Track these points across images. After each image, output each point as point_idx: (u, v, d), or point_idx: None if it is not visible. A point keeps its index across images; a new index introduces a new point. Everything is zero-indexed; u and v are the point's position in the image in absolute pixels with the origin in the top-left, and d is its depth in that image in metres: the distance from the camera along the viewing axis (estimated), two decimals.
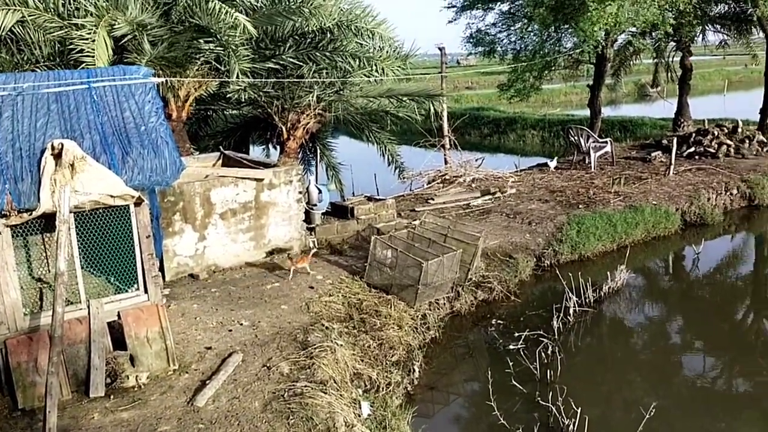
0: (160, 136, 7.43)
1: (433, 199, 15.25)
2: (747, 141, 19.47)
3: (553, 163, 18.37)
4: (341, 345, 7.97)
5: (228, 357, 7.48)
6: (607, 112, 28.48)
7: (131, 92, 7.66)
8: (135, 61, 10.06)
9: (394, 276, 9.83)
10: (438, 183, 17.03)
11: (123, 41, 10.26)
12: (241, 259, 10.66)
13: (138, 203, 7.30)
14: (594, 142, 18.23)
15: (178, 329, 8.20)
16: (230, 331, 8.25)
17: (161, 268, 9.57)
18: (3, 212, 6.53)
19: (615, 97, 38.22)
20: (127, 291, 7.56)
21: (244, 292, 9.56)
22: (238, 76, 10.39)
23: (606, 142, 18.57)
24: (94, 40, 9.52)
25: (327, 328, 8.38)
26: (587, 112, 22.00)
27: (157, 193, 9.17)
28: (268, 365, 7.35)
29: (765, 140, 19.82)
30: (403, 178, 16.86)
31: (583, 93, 31.94)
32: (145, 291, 7.58)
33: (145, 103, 7.58)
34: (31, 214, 6.65)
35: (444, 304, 10.38)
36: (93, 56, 9.44)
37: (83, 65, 9.46)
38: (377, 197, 13.37)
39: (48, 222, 6.88)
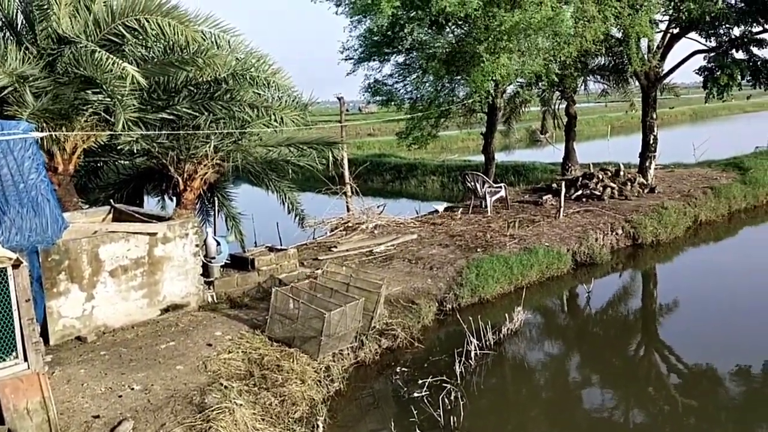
0: (40, 193, 7.05)
1: (335, 247, 15.23)
2: (629, 183, 20.84)
3: (441, 208, 18.97)
4: (241, 405, 7.69)
5: (117, 425, 7.03)
6: (501, 157, 29.80)
7: (9, 148, 7.25)
8: (16, 114, 9.54)
9: (297, 328, 9.66)
10: (341, 230, 17.06)
11: (2, 94, 9.73)
12: (134, 318, 10.14)
13: (16, 265, 6.83)
14: (489, 187, 18.92)
15: (62, 398, 7.65)
16: (120, 396, 7.77)
17: (44, 332, 8.98)
18: None
19: (509, 142, 40.13)
20: (4, 360, 6.98)
21: (137, 353, 9.07)
22: (124, 128, 10.06)
23: (500, 187, 19.32)
24: None
25: (226, 387, 8.07)
26: (483, 158, 22.87)
27: (40, 252, 8.68)
28: None
29: (645, 182, 21.30)
30: (305, 226, 16.79)
31: (478, 139, 33.22)
32: (25, 359, 7.03)
33: (24, 159, 7.18)
34: None
35: (348, 354, 10.27)
36: None
37: None
38: (279, 247, 13.20)
39: None
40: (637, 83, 22.82)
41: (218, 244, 11.93)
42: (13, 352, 7.04)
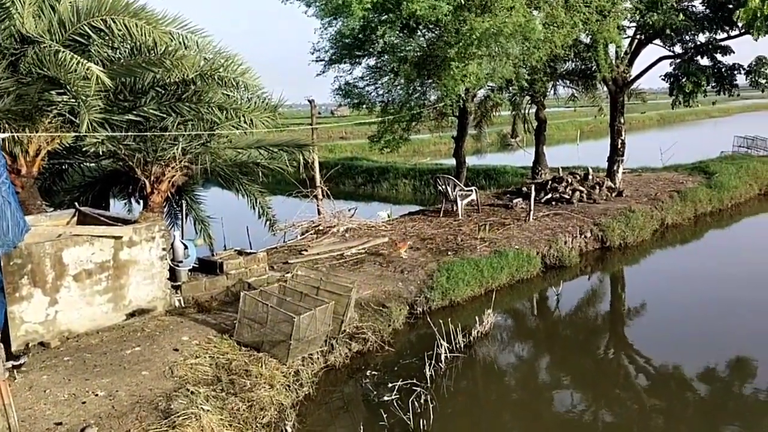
0: (1, 195, 6.85)
1: (306, 251, 15.14)
2: (597, 187, 21.11)
3: (383, 215, 19.13)
4: (208, 410, 7.56)
5: None
6: (472, 161, 29.97)
7: None
8: None
9: (266, 332, 9.56)
10: (311, 234, 16.97)
11: None
12: (99, 323, 9.94)
13: None
14: (460, 190, 19.00)
15: (24, 404, 7.46)
16: (84, 403, 7.60)
17: (5, 338, 8.74)
18: None
19: (480, 146, 40.29)
20: None
21: (101, 359, 8.89)
22: (89, 129, 9.86)
23: (471, 191, 19.42)
24: None
25: (192, 393, 7.94)
26: (455, 162, 22.97)
27: (1, 256, 8.47)
28: None
29: (613, 186, 21.60)
30: (275, 230, 16.66)
31: (450, 143, 33.35)
32: None
33: None
34: None
35: (318, 358, 10.20)
36: None
37: None
38: (248, 251, 13.06)
39: None
40: (605, 88, 23.15)
41: (186, 247, 11.77)
42: None
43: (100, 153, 12.54)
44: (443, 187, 19.09)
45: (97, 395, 7.80)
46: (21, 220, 6.93)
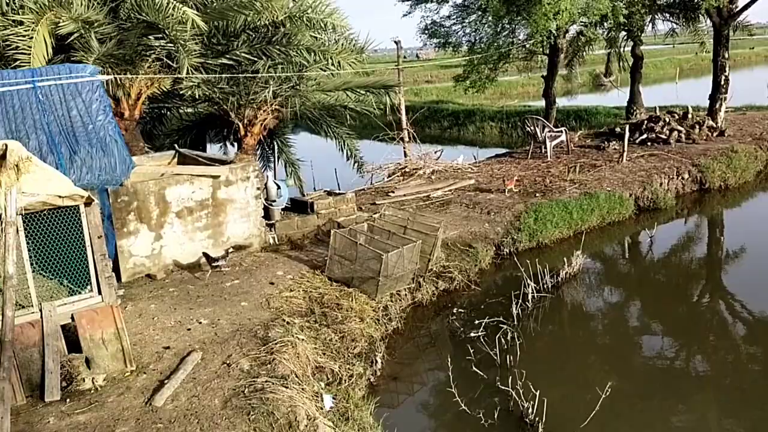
0: (108, 134, 7.31)
1: (393, 192, 15.30)
2: (697, 126, 20.00)
3: (459, 161, 18.21)
4: (302, 339, 7.96)
5: (187, 356, 7.40)
6: (562, 102, 29.00)
7: (78, 91, 7.51)
8: (82, 59, 9.83)
9: (355, 269, 9.85)
10: (398, 176, 17.09)
11: (69, 39, 10.02)
12: (200, 258, 10.53)
13: (88, 203, 7.16)
14: (549, 131, 18.50)
15: (135, 330, 8.08)
16: (189, 329, 8.16)
17: (116, 269, 9.43)
18: None
19: (570, 87, 38.92)
20: (80, 293, 7.41)
21: (203, 290, 9.46)
22: (188, 72, 10.24)
23: (561, 132, 18.87)
24: (31, 38, 9.25)
25: (288, 323, 8.35)
26: (543, 103, 22.32)
27: (110, 193, 9.05)
28: (227, 362, 7.29)
29: (714, 125, 20.38)
30: (363, 172, 16.88)
31: (538, 84, 32.41)
32: (99, 292, 7.44)
33: (92, 102, 7.44)
34: None
35: (405, 295, 10.44)
36: (29, 54, 9.18)
37: (15, 64, 9.21)
38: (337, 192, 13.36)
39: None
40: (708, 21, 21.60)
41: (278, 187, 12.16)
42: (87, 285, 7.46)
43: (197, 97, 13.03)
44: (532, 128, 18.64)
45: (200, 323, 8.34)
46: (127, 157, 7.37)
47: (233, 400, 6.55)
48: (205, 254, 10.18)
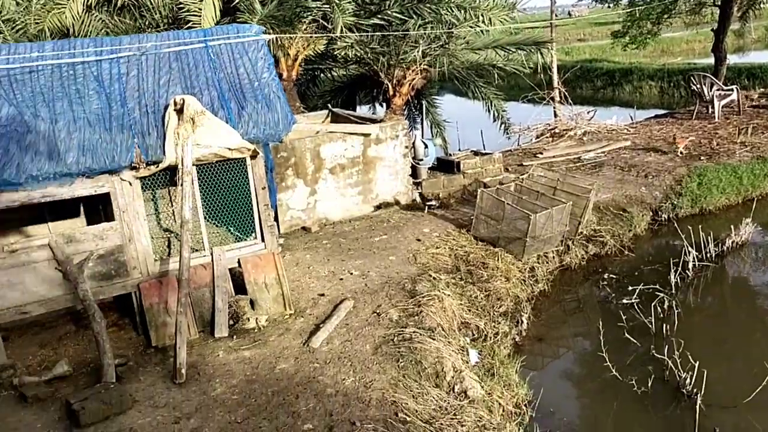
0: (272, 90, 7.71)
1: (541, 153, 14.87)
2: None
3: (611, 121, 17.16)
4: (448, 295, 8.06)
5: (340, 303, 7.76)
6: (733, 59, 26.39)
7: (245, 49, 7.96)
8: (246, 20, 10.42)
9: (502, 229, 9.75)
10: (547, 137, 16.56)
11: (234, 2, 10.63)
12: (350, 213, 10.94)
13: (254, 156, 7.66)
14: (718, 90, 16.98)
15: (292, 277, 8.58)
16: (341, 279, 8.54)
17: (275, 220, 10.02)
18: (133, 165, 7.05)
19: (743, 43, 35.28)
20: (245, 240, 8.00)
21: (354, 244, 9.83)
22: (342, 31, 10.52)
23: (732, 90, 17.25)
24: (201, 0, 9.94)
25: (434, 278, 8.48)
26: (711, 60, 20.49)
27: (271, 148, 9.57)
28: (377, 312, 7.56)
29: None
30: (510, 133, 16.53)
31: (706, 40, 29.76)
32: (262, 240, 7.99)
33: (257, 60, 7.86)
34: (157, 167, 7.13)
35: (553, 257, 10.20)
36: (200, 16, 9.88)
37: (188, 25, 9.94)
38: (483, 152, 13.22)
39: (172, 176, 7.36)
40: None
41: (426, 146, 12.24)
42: (252, 233, 8.03)
43: (348, 58, 13.38)
44: (698, 86, 17.20)
45: (351, 274, 8.69)
46: (288, 113, 7.74)
47: (383, 347, 6.80)
48: (420, 194, 11.07)
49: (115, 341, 7.08)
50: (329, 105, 13.60)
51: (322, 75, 16.55)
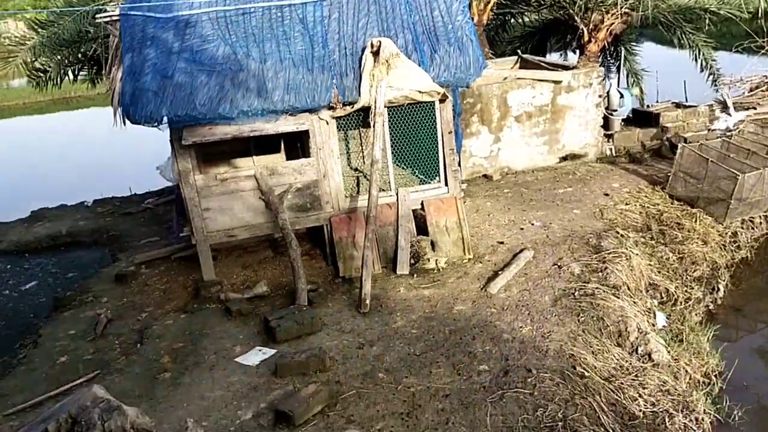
0: (465, 34, 7.65)
1: (754, 108, 13.34)
2: None
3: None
4: (637, 254, 7.64)
5: (519, 252, 7.69)
6: None
7: None
8: None
9: (703, 188, 8.98)
10: (762, 90, 14.76)
11: None
12: (534, 163, 10.68)
13: (443, 100, 7.70)
14: None
15: (472, 223, 8.62)
16: (521, 229, 8.43)
17: (459, 165, 10.07)
18: (330, 105, 7.41)
19: None
20: (429, 183, 8.14)
21: (536, 194, 9.62)
22: None
23: None
24: None
25: (621, 235, 8.07)
26: None
27: (459, 93, 9.55)
28: (558, 264, 7.39)
29: None
30: (719, 85, 14.95)
31: None
32: (446, 183, 8.10)
33: (452, 2, 7.80)
34: (352, 107, 7.43)
35: (761, 223, 9.25)
36: None
37: None
38: (686, 104, 12.14)
39: (364, 117, 7.64)
40: None
41: (621, 96, 11.49)
42: (436, 176, 8.15)
43: (542, 2, 12.80)
44: None
45: (532, 224, 8.54)
46: (480, 57, 7.65)
47: (563, 299, 6.66)
48: (668, 139, 10.75)
49: (307, 269, 7.64)
50: (518, 51, 13.18)
51: (512, 20, 16.03)
